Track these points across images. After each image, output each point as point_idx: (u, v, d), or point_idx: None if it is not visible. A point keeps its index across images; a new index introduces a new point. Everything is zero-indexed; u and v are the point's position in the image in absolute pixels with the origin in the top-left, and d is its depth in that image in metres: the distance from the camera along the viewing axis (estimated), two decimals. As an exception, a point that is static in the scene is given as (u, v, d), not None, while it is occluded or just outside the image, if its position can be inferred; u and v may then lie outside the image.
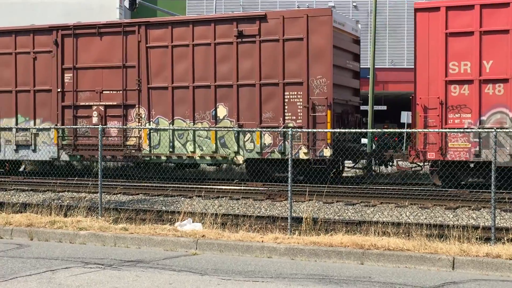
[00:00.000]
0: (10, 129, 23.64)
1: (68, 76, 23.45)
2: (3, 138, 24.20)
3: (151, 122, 22.40)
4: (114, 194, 19.58)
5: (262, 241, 12.05)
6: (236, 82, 21.46)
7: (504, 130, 17.71)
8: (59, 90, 23.49)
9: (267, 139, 21.03)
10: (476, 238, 11.94)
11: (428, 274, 10.22)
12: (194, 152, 21.77)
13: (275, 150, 20.90)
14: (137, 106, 22.65)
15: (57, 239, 13.19)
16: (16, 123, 23.93)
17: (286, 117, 20.88)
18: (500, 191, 16.84)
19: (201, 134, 21.67)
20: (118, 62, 22.90)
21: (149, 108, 22.54)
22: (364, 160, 22.62)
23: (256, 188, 19.95)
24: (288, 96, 20.89)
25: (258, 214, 16.03)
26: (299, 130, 19.17)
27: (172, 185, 20.57)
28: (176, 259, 11.33)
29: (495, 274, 10.32)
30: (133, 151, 22.64)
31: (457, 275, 10.23)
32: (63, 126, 21.44)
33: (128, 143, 22.77)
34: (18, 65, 24.03)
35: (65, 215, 14.80)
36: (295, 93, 20.80)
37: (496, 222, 12.27)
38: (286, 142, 20.64)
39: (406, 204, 17.06)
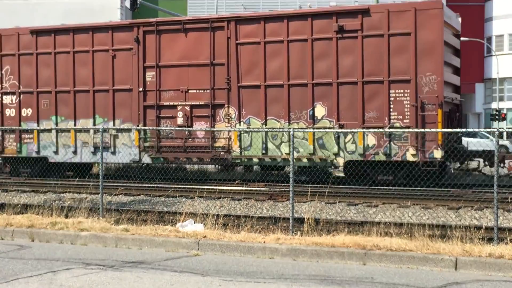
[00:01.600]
0: (87, 130, 22.74)
1: (150, 74, 22.33)
2: (79, 140, 23.16)
3: (242, 123, 21.31)
4: (115, 195, 19.55)
5: (264, 242, 12.01)
6: (336, 80, 20.33)
7: None
8: (140, 89, 22.40)
9: (371, 140, 19.90)
10: (479, 238, 11.89)
11: (430, 275, 10.18)
12: (289, 154, 20.64)
13: (380, 151, 19.76)
14: (226, 105, 21.52)
15: (58, 240, 13.16)
16: (94, 124, 22.88)
17: (392, 117, 19.77)
18: (503, 191, 16.79)
19: (297, 135, 20.49)
20: (205, 59, 21.81)
21: (239, 108, 21.43)
22: (478, 161, 21.04)
23: (258, 188, 19.90)
24: (394, 95, 19.81)
25: (260, 215, 16.00)
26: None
27: (173, 186, 20.53)
28: (178, 260, 11.29)
29: (498, 274, 10.28)
30: (222, 153, 21.46)
31: (460, 275, 10.19)
32: (147, 127, 20.58)
33: (216, 144, 21.59)
34: (96, 64, 23.01)
35: (66, 216, 14.78)
36: (402, 91, 19.74)
37: (499, 222, 12.24)
38: (392, 143, 19.60)
39: (409, 204, 17.02)
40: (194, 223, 13.74)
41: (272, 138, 20.91)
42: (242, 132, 20.87)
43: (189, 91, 21.92)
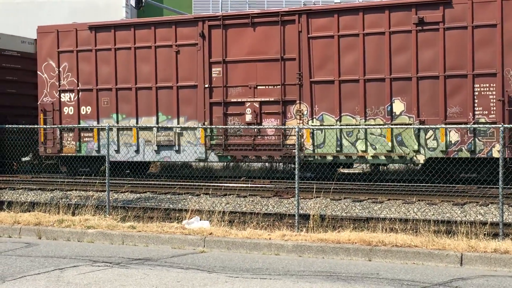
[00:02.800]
0: (150, 128, 21.97)
1: (216, 70, 21.43)
2: (142, 138, 22.30)
3: (314, 119, 20.40)
4: (121, 192, 19.61)
5: (270, 238, 12.05)
6: (415, 74, 19.43)
7: None
8: (206, 86, 21.48)
9: (453, 136, 19.03)
10: (484, 234, 11.92)
11: (436, 270, 10.21)
12: (365, 151, 19.86)
13: (463, 148, 18.88)
14: (297, 102, 20.56)
15: (65, 237, 13.23)
16: (157, 122, 22.03)
17: (477, 112, 18.83)
18: (508, 186, 16.79)
19: (374, 132, 19.69)
20: (275, 54, 20.84)
21: (311, 104, 20.48)
22: None
23: (263, 185, 19.93)
24: (479, 89, 18.90)
25: (266, 212, 16.03)
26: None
27: (179, 183, 20.57)
28: (184, 257, 11.35)
29: (503, 270, 10.30)
30: (294, 150, 20.27)
31: (465, 271, 10.22)
32: (217, 126, 19.61)
33: (288, 142, 20.72)
34: (158, 60, 22.12)
35: (73, 214, 14.86)
36: (487, 85, 18.92)
37: (504, 217, 12.26)
38: (476, 139, 18.81)
39: (414, 200, 17.03)
40: (200, 220, 13.79)
41: (347, 135, 20.07)
42: (315, 129, 19.93)
43: (258, 87, 21.10)
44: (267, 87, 21.02)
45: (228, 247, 12.02)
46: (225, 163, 24.94)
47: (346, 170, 23.41)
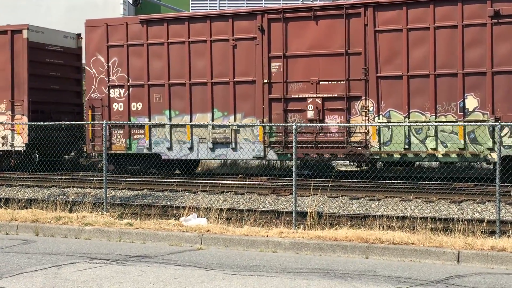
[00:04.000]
0: (205, 125, 21.22)
1: (276, 65, 20.65)
2: (196, 136, 21.51)
3: (381, 116, 19.67)
4: (119, 189, 19.61)
5: (267, 236, 12.07)
6: (490, 69, 18.70)
7: None
8: (265, 81, 20.71)
9: None
10: (481, 232, 11.94)
11: (433, 268, 10.23)
12: (435, 149, 19.12)
13: None
14: (363, 98, 19.82)
15: (63, 234, 13.23)
16: (212, 119, 21.37)
17: None
18: (505, 184, 16.81)
19: (444, 129, 19.00)
20: (339, 48, 20.10)
21: (378, 100, 19.75)
22: None
23: (260, 182, 19.92)
24: None
25: (263, 209, 16.05)
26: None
27: (176, 180, 20.57)
28: (181, 254, 11.35)
29: (500, 267, 10.32)
30: (359, 148, 19.87)
31: (462, 268, 10.24)
32: (287, 124, 19.23)
33: (352, 139, 19.99)
34: (214, 54, 21.36)
35: (70, 211, 14.86)
36: None
37: (501, 215, 12.27)
38: None
39: (411, 198, 17.05)
40: (198, 217, 13.81)
41: (416, 132, 19.28)
42: (381, 126, 19.29)
43: (320, 82, 20.28)
44: (330, 82, 20.27)
45: (225, 244, 12.03)
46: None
47: (343, 168, 23.44)
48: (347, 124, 19.47)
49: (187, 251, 11.61)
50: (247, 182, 19.84)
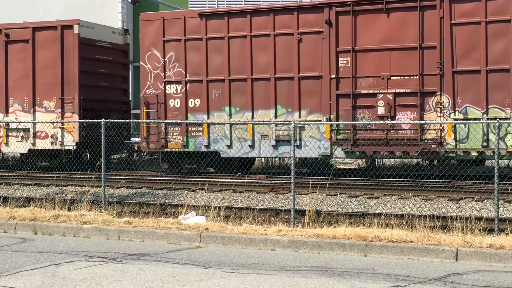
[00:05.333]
0: (267, 122, 20.34)
1: (344, 60, 19.89)
2: (257, 133, 20.76)
3: (457, 112, 18.84)
4: (117, 187, 19.61)
5: (266, 234, 12.07)
6: None
7: None
8: (332, 76, 19.89)
9: None
10: (480, 229, 11.94)
11: (431, 266, 10.24)
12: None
13: None
14: (438, 93, 19.01)
15: (61, 233, 13.23)
16: (275, 115, 20.59)
17: None
18: (503, 182, 16.82)
19: None
20: (411, 42, 19.34)
21: (454, 96, 18.93)
22: None
23: (259, 180, 19.91)
24: None
25: (261, 207, 16.05)
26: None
27: (175, 178, 20.56)
28: (180, 252, 11.35)
29: (498, 265, 10.33)
30: (433, 146, 19.03)
31: (461, 266, 10.24)
32: (351, 122, 18.74)
33: (426, 136, 19.19)
34: (277, 49, 20.61)
35: (69, 209, 14.85)
36: None
37: (499, 213, 12.29)
38: None
39: (410, 195, 17.06)
40: (196, 215, 13.81)
41: (495, 129, 18.88)
42: (457, 122, 18.10)
43: (392, 77, 19.50)
44: (402, 77, 19.49)
45: (224, 243, 12.03)
46: None
47: (342, 166, 23.44)
48: (419, 122, 18.62)
49: (185, 249, 11.61)
50: (245, 180, 19.81)
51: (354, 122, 18.77)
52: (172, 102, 21.82)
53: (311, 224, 13.01)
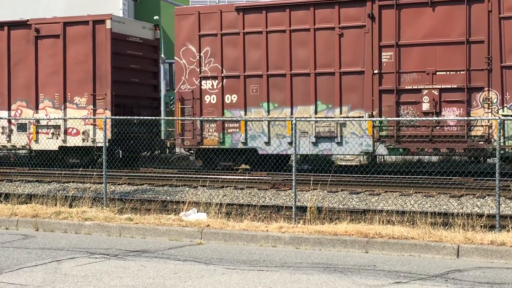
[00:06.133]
0: (307, 119, 19.67)
1: (387, 55, 19.48)
2: (297, 129, 20.08)
3: (505, 108, 18.46)
4: (119, 184, 19.61)
5: (267, 230, 12.07)
6: None
7: None
8: (375, 71, 19.51)
9: None
10: (481, 226, 11.94)
11: (432, 262, 10.23)
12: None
13: None
14: (486, 89, 18.60)
15: (63, 229, 13.24)
16: (315, 111, 20.19)
17: None
18: (505, 179, 16.81)
19: None
20: (458, 36, 18.90)
21: (502, 91, 18.47)
22: None
23: (260, 177, 19.91)
24: None
25: (263, 204, 16.04)
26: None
27: (176, 175, 20.57)
28: (181, 248, 11.36)
29: (499, 261, 10.33)
30: (481, 143, 18.63)
31: (462, 263, 10.24)
32: (394, 118, 18.33)
33: (473, 133, 18.73)
34: (317, 43, 20.18)
35: (70, 206, 14.85)
36: None
37: (500, 209, 12.27)
38: None
39: (411, 192, 17.06)
40: (197, 212, 13.81)
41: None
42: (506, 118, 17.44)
43: (437, 72, 19.05)
44: (448, 72, 19.05)
45: (225, 239, 12.03)
46: None
47: (343, 162, 23.43)
48: (465, 118, 18.28)
49: (187, 246, 11.61)
50: (246, 177, 19.82)
51: (399, 119, 18.49)
52: (208, 98, 21.46)
53: (312, 220, 13.01)
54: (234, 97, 21.14)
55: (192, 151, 22.22)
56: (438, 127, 19.00)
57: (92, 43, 23.01)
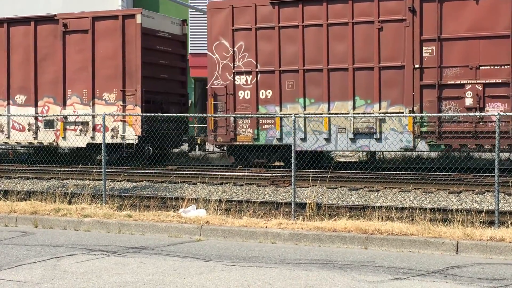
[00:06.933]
0: (345, 114, 19.55)
1: (428, 49, 19.08)
2: (334, 125, 19.94)
3: None
4: (118, 181, 19.61)
5: (266, 227, 12.07)
6: None
7: None
8: (416, 66, 19.12)
9: None
10: (480, 222, 11.96)
11: (432, 258, 10.24)
12: None
13: None
14: None
15: (62, 226, 13.23)
16: (353, 107, 19.82)
17: None
18: (504, 175, 16.81)
19: None
20: (503, 30, 18.53)
21: None
22: None
23: (259, 174, 19.90)
24: None
25: (262, 200, 16.05)
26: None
27: (175, 172, 20.56)
28: (181, 245, 11.36)
29: (499, 257, 10.33)
30: None
31: (461, 259, 10.25)
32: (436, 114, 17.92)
33: None
34: (356, 37, 19.83)
35: (70, 203, 14.86)
36: None
37: (499, 205, 12.28)
38: None
39: (410, 188, 17.06)
40: (197, 208, 13.81)
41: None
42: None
43: (481, 67, 18.64)
44: (492, 67, 18.63)
45: (224, 236, 12.04)
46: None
47: (342, 159, 23.42)
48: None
49: (186, 243, 11.61)
50: (246, 174, 19.80)
51: (441, 114, 18.10)
52: (241, 93, 21.14)
53: (311, 217, 13.01)
54: (269, 93, 20.83)
55: (224, 148, 21.98)
56: (482, 123, 18.61)
57: (121, 38, 22.68)
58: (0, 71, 24.29)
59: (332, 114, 19.52)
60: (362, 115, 19.37)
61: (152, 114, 18.36)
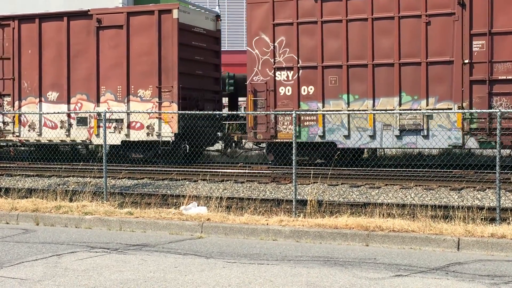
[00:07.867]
0: (391, 111, 19.14)
1: (478, 43, 18.54)
2: (379, 122, 19.47)
3: None
4: (119, 178, 19.61)
5: (267, 224, 12.07)
6: None
7: None
8: (465, 61, 18.59)
9: None
10: (481, 219, 11.94)
11: (433, 255, 10.23)
12: None
13: None
14: None
15: (63, 224, 13.24)
16: (400, 103, 19.35)
17: None
18: (505, 171, 16.79)
19: None
20: None
21: None
22: None
23: (260, 171, 19.90)
24: None
25: (263, 197, 16.05)
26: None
27: (176, 169, 20.56)
28: (182, 242, 11.36)
29: (500, 254, 10.33)
30: None
31: (462, 255, 10.24)
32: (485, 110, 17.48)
33: None
34: (402, 32, 19.34)
35: (71, 200, 14.86)
36: None
37: (501, 202, 12.27)
38: None
39: (411, 185, 17.06)
40: (198, 206, 13.81)
41: None
42: None
43: None
44: None
45: (225, 233, 12.03)
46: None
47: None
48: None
49: (187, 240, 11.61)
50: (247, 171, 19.81)
51: (493, 110, 17.43)
52: (282, 89, 20.68)
53: (312, 214, 13.00)
54: (311, 89, 20.40)
55: (263, 145, 21.70)
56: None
57: (157, 33, 22.30)
58: (32, 68, 23.97)
59: (377, 110, 19.13)
60: (409, 111, 18.90)
61: (187, 111, 17.75)
